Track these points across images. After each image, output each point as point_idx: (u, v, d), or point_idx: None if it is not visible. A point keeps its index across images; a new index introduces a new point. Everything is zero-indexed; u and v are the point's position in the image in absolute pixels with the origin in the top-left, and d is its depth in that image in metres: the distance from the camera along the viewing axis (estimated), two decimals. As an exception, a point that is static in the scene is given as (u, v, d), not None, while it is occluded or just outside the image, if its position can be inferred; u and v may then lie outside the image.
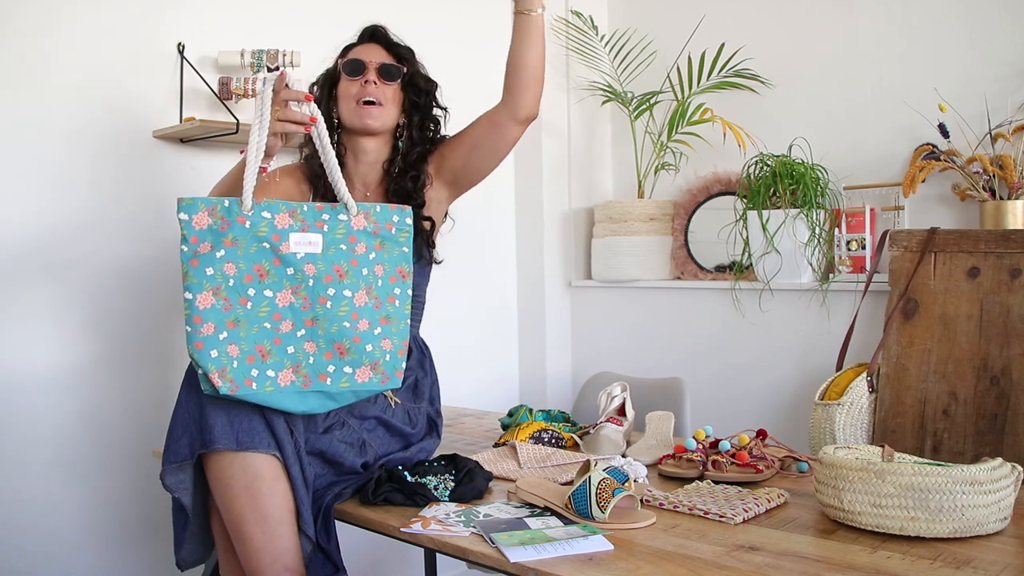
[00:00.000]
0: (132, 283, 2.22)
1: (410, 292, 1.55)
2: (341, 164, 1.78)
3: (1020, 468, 1.32)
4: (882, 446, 1.48)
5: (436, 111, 1.87)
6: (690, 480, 1.60)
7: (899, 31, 2.50)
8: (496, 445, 1.93)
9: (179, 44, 2.25)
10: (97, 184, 2.16)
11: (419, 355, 1.84)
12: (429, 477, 1.58)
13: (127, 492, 2.21)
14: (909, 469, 1.27)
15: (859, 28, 2.58)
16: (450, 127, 1.90)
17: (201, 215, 1.42)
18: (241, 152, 1.55)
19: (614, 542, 1.28)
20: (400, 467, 1.61)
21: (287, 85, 1.53)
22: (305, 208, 1.47)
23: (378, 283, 1.51)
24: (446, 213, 1.92)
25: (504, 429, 2.03)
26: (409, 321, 1.55)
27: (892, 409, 2.16)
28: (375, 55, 1.80)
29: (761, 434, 1.74)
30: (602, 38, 3.00)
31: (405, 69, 1.81)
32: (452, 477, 1.58)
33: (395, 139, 1.84)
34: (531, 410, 2.04)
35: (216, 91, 2.23)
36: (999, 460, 1.30)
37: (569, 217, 3.11)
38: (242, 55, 2.25)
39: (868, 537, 1.27)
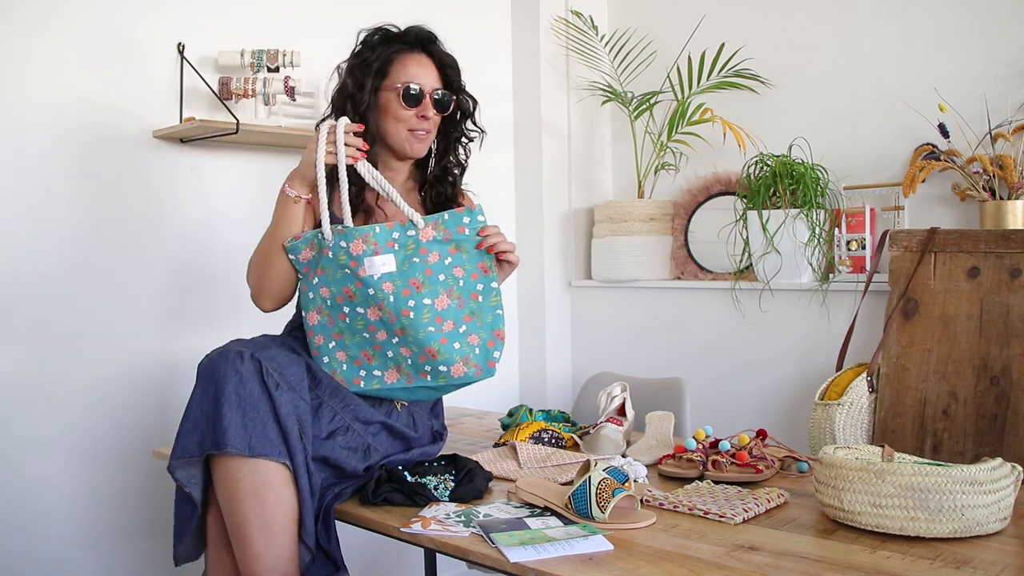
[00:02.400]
0: (132, 283, 2.22)
1: (495, 285, 1.63)
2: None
3: (1020, 468, 1.32)
4: (882, 446, 1.48)
5: (472, 131, 1.85)
6: (690, 480, 1.60)
7: (899, 31, 2.50)
8: (496, 445, 1.93)
9: (179, 44, 2.25)
10: (97, 184, 2.16)
11: None
12: (429, 477, 1.58)
13: (127, 492, 2.21)
14: (909, 469, 1.27)
15: (859, 28, 2.58)
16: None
17: (305, 251, 1.63)
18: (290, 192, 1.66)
19: (614, 542, 1.28)
20: (400, 467, 1.61)
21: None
22: (377, 230, 1.58)
23: (459, 284, 1.60)
24: None
25: (504, 429, 2.03)
26: (499, 311, 1.64)
27: (892, 409, 2.16)
28: (429, 78, 1.74)
29: (761, 434, 1.74)
30: (602, 38, 3.00)
31: (455, 98, 1.78)
32: (452, 477, 1.58)
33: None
34: (531, 410, 2.04)
35: (216, 91, 2.23)
36: (999, 460, 1.30)
37: (569, 217, 3.11)
38: (242, 55, 2.25)
39: (868, 537, 1.27)
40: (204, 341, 2.30)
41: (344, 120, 1.62)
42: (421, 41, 1.76)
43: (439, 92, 1.74)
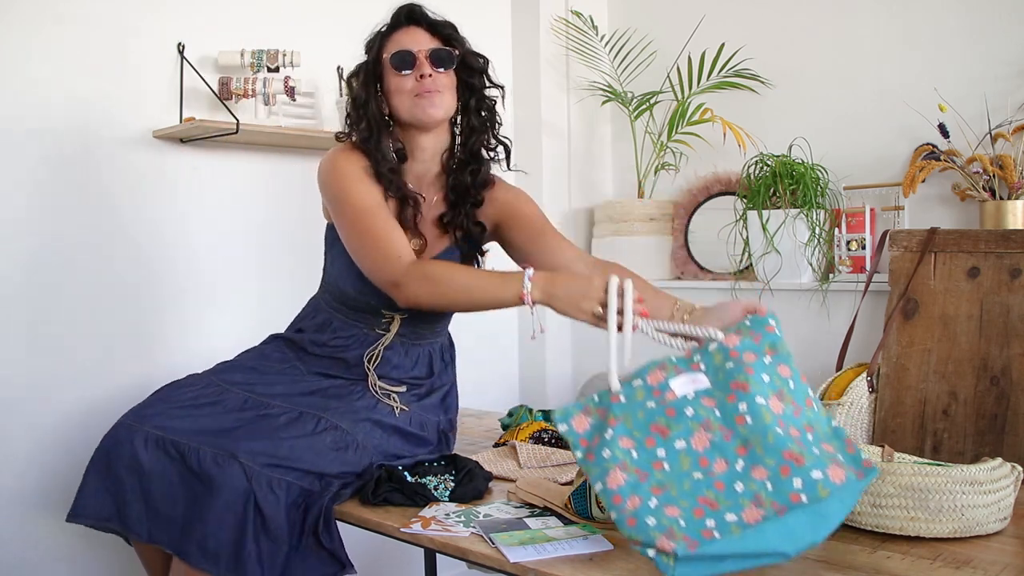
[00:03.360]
0: (132, 283, 2.22)
1: (811, 392, 1.29)
2: (400, 161, 1.72)
3: (1020, 468, 1.32)
4: (882, 446, 1.48)
5: (490, 90, 1.75)
6: (690, 480, 1.60)
7: (899, 31, 2.50)
8: (496, 445, 1.93)
9: (179, 44, 2.25)
10: (97, 184, 2.16)
11: (453, 368, 1.87)
12: (429, 477, 1.58)
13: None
14: (909, 469, 1.27)
15: (859, 28, 2.58)
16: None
17: (579, 418, 1.30)
18: None
19: (614, 542, 1.28)
20: (400, 467, 1.60)
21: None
22: (673, 360, 1.32)
23: (789, 385, 1.26)
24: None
25: (504, 429, 2.03)
26: (834, 423, 1.25)
27: (892, 409, 2.16)
28: (421, 41, 1.67)
29: (761, 434, 1.74)
30: (602, 38, 3.00)
31: (456, 51, 1.69)
32: (452, 477, 1.58)
33: (452, 127, 1.75)
34: (531, 410, 2.04)
35: (216, 91, 2.23)
36: (999, 460, 1.30)
37: (569, 217, 3.10)
38: (242, 55, 2.25)
39: (868, 537, 1.27)
40: (204, 341, 2.32)
41: (629, 283, 1.41)
42: (406, 13, 1.70)
43: (432, 48, 1.66)
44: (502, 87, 1.77)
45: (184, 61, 2.24)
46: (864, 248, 2.46)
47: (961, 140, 2.32)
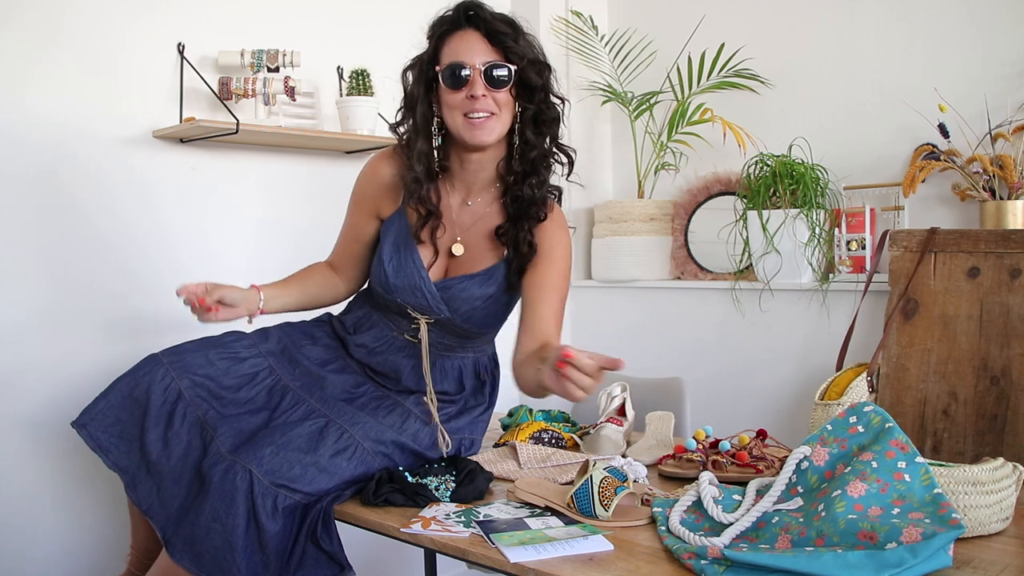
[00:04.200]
0: (132, 283, 2.22)
1: (919, 460, 1.25)
2: (446, 168, 1.68)
3: (1022, 468, 1.32)
4: (882, 446, 1.48)
5: (552, 102, 1.65)
6: (690, 480, 1.60)
7: (899, 31, 2.50)
8: (496, 445, 1.93)
9: (179, 44, 2.25)
10: (97, 184, 2.16)
11: (492, 389, 1.84)
12: (430, 478, 1.58)
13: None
14: (910, 469, 1.26)
15: (859, 28, 2.58)
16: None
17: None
18: None
19: (614, 542, 1.28)
20: (401, 468, 1.60)
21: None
22: (776, 494, 1.30)
23: (872, 465, 1.24)
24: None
25: (504, 429, 2.02)
26: (938, 490, 1.21)
27: (892, 409, 2.16)
28: (478, 53, 1.55)
29: (761, 434, 1.74)
30: (602, 38, 3.00)
31: (514, 66, 1.58)
32: (453, 478, 1.58)
33: (510, 136, 1.64)
34: (531, 410, 2.04)
35: (216, 91, 2.23)
36: (1000, 460, 1.30)
37: (569, 217, 3.09)
38: (242, 55, 2.25)
39: (869, 537, 1.27)
40: (204, 341, 2.31)
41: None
42: (463, 14, 1.58)
43: (488, 64, 1.55)
44: (566, 100, 1.67)
45: (184, 61, 2.24)
46: (864, 248, 2.46)
47: (961, 140, 2.32)
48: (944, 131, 2.33)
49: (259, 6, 2.43)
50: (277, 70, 2.27)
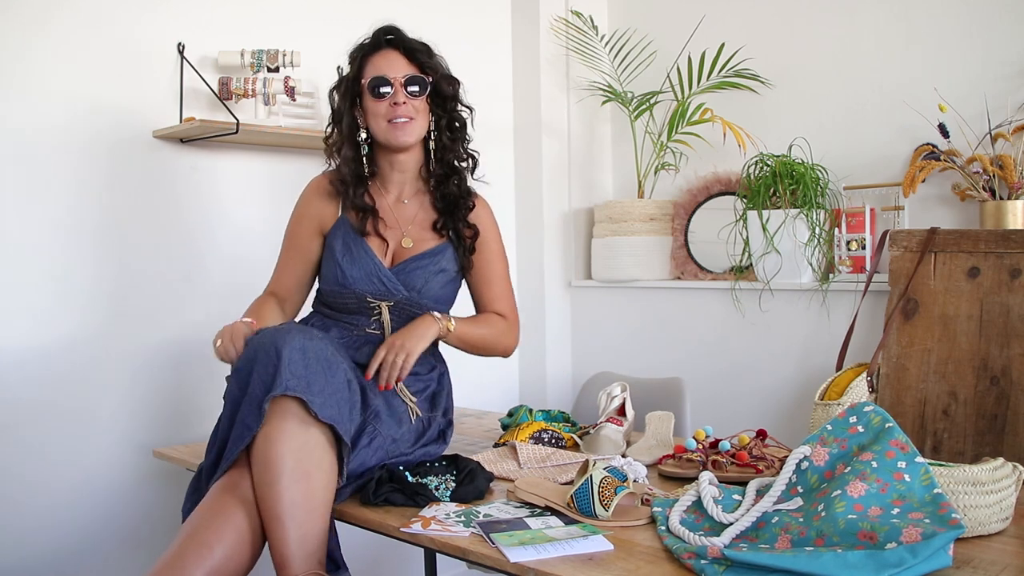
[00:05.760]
0: (132, 283, 2.22)
1: (919, 460, 1.27)
2: (375, 173, 1.86)
3: (1022, 468, 1.32)
4: (882, 446, 1.48)
5: (461, 110, 1.89)
6: (690, 480, 1.60)
7: (899, 31, 2.50)
8: (496, 445, 1.93)
9: (179, 44, 2.25)
10: (97, 184, 2.16)
11: (440, 368, 1.89)
12: (430, 477, 1.58)
13: (128, 493, 2.21)
14: (910, 469, 1.26)
15: (859, 28, 2.58)
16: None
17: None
18: None
19: (614, 542, 1.28)
20: (401, 467, 1.60)
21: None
22: (776, 493, 1.31)
23: (872, 465, 1.26)
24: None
25: (504, 429, 2.02)
26: (937, 490, 1.23)
27: (892, 409, 2.16)
28: (397, 67, 1.79)
29: (761, 434, 1.74)
30: (602, 38, 3.00)
31: (430, 78, 1.81)
32: (453, 477, 1.58)
33: (426, 142, 1.87)
34: (531, 410, 2.04)
35: (216, 91, 2.23)
36: (1000, 460, 1.30)
37: (569, 217, 3.11)
38: (242, 55, 2.25)
39: (869, 537, 1.27)
40: (203, 341, 2.31)
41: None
42: (383, 37, 1.81)
43: (407, 76, 1.78)
44: (472, 108, 1.90)
45: (184, 61, 2.24)
46: (864, 248, 2.46)
47: (961, 140, 2.32)
48: (944, 131, 2.33)
49: (259, 6, 2.43)
50: (277, 70, 2.27)
